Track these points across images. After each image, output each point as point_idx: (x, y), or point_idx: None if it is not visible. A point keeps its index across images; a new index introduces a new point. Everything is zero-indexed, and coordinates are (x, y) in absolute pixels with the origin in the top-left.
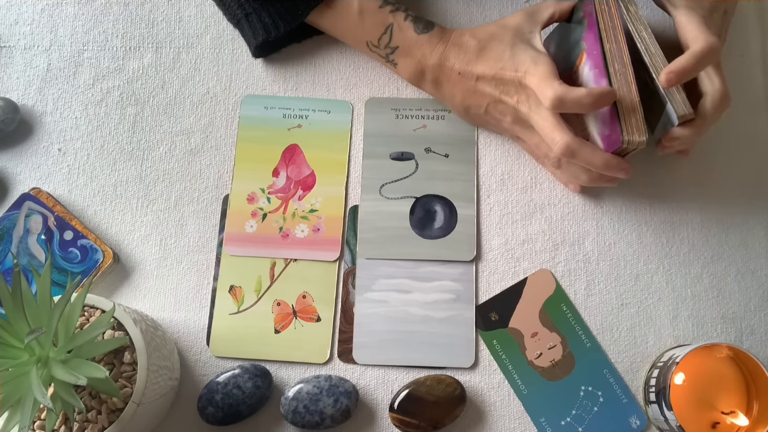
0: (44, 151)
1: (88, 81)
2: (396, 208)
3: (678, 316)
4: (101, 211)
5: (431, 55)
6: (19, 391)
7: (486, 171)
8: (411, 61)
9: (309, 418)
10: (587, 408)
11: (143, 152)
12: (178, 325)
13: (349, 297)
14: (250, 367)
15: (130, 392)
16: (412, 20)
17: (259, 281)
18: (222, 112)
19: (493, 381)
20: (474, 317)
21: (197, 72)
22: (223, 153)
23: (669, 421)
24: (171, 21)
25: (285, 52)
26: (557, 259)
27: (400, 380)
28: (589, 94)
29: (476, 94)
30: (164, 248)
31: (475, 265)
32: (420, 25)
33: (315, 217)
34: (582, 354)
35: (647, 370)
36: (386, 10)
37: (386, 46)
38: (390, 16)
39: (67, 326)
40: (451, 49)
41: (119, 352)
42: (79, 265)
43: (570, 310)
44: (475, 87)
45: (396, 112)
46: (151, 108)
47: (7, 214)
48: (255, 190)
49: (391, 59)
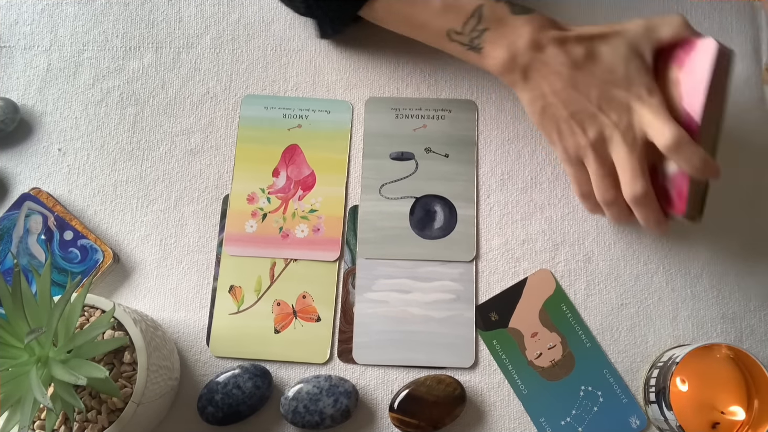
0: (44, 151)
1: (88, 81)
2: (396, 208)
3: (678, 316)
4: (101, 211)
5: (529, 40)
6: (19, 391)
7: (486, 171)
8: (502, 43)
9: (309, 418)
10: (587, 408)
11: (143, 152)
12: (178, 325)
13: (349, 297)
14: (250, 367)
15: (130, 392)
16: (507, 2)
17: (259, 281)
18: (222, 112)
19: (493, 381)
20: (474, 317)
21: (197, 72)
22: (223, 153)
23: (669, 421)
24: (171, 21)
25: (285, 52)
26: (557, 259)
27: (400, 380)
28: (703, 159)
29: (569, 98)
30: (164, 248)
31: (475, 265)
32: (516, 8)
33: (315, 217)
34: (582, 354)
35: (647, 370)
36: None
37: (473, 29)
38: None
39: (67, 326)
40: (552, 46)
41: (119, 352)
42: (79, 265)
43: (570, 310)
44: (571, 93)
45: (396, 112)
46: (151, 108)
47: (7, 214)
48: (255, 190)
49: (477, 44)
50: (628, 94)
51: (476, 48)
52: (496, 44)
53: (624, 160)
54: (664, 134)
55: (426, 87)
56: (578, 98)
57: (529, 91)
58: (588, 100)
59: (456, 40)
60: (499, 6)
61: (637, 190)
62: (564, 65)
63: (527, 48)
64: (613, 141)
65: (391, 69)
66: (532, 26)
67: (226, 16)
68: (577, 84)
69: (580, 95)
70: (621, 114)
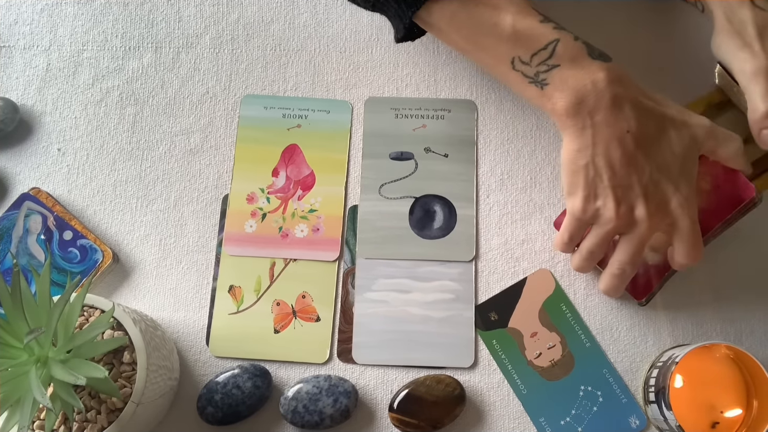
0: (44, 151)
1: (88, 81)
2: (395, 208)
3: (677, 316)
4: (101, 211)
5: (603, 90)
6: (19, 391)
7: (485, 171)
8: (573, 83)
9: (308, 418)
10: (587, 408)
11: (143, 152)
12: (177, 325)
13: (348, 297)
14: (250, 367)
15: (129, 392)
16: (585, 44)
17: (259, 281)
18: (222, 112)
19: (493, 381)
20: (473, 317)
21: (197, 72)
22: (223, 153)
23: (668, 421)
24: (171, 21)
25: (285, 52)
26: (557, 259)
27: (400, 380)
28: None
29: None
30: (164, 248)
31: (474, 265)
32: (595, 52)
33: (314, 217)
34: (581, 354)
35: (646, 370)
36: (550, 26)
37: (542, 63)
38: (555, 32)
39: (66, 326)
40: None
41: (119, 352)
42: (79, 265)
43: (569, 310)
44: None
45: (395, 112)
46: (150, 108)
47: (6, 214)
48: (254, 190)
49: (542, 79)
50: (675, 190)
51: (540, 83)
52: (564, 85)
53: (631, 246)
54: (687, 257)
55: (425, 87)
56: (629, 176)
57: (580, 141)
58: (638, 180)
59: (519, 69)
60: (577, 45)
61: (624, 272)
62: (631, 136)
63: (599, 98)
64: (637, 229)
65: (390, 69)
66: (609, 76)
67: (225, 16)
68: (634, 162)
69: (632, 173)
70: (658, 208)
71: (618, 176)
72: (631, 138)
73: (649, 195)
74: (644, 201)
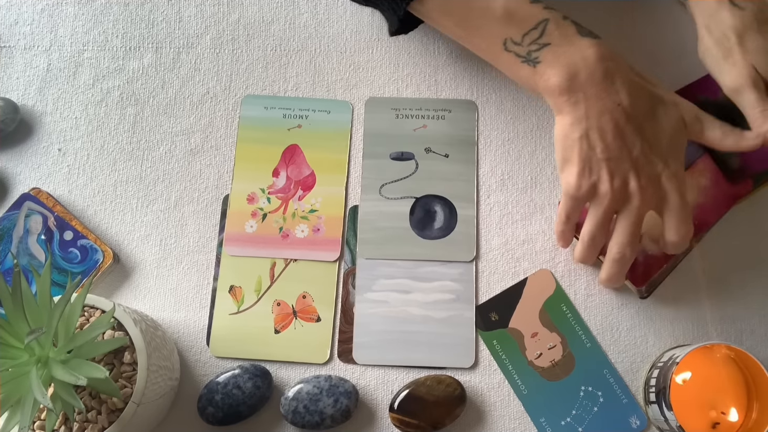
0: (44, 151)
1: (88, 81)
2: (396, 208)
3: (678, 317)
4: (101, 211)
5: (594, 65)
6: (19, 391)
7: (486, 171)
8: (564, 60)
9: (309, 418)
10: (587, 408)
11: (143, 152)
12: (178, 325)
13: (349, 297)
14: (250, 367)
15: (130, 392)
16: (574, 23)
17: (259, 281)
18: (222, 112)
19: (493, 381)
20: (474, 317)
21: (197, 72)
22: (223, 153)
23: (669, 422)
24: (171, 21)
25: (285, 52)
26: (557, 259)
27: (400, 380)
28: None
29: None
30: (164, 248)
31: (475, 265)
32: (584, 30)
33: (315, 217)
34: (582, 354)
35: (647, 370)
36: (539, 6)
37: (533, 42)
38: (545, 12)
39: (67, 326)
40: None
41: (119, 353)
42: (79, 265)
43: (570, 310)
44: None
45: (396, 112)
46: (151, 108)
47: (7, 214)
48: (255, 190)
49: (534, 57)
50: (664, 166)
51: (532, 61)
52: (556, 62)
53: (628, 224)
54: (677, 233)
55: (426, 87)
56: (621, 148)
57: (573, 115)
58: (629, 154)
59: (512, 50)
60: (566, 24)
61: (624, 256)
62: (622, 109)
63: (591, 73)
64: (630, 204)
65: (391, 69)
66: (599, 52)
67: (226, 16)
68: (625, 135)
69: (623, 146)
70: (649, 182)
71: (610, 149)
72: (622, 111)
73: (640, 168)
74: (636, 174)
